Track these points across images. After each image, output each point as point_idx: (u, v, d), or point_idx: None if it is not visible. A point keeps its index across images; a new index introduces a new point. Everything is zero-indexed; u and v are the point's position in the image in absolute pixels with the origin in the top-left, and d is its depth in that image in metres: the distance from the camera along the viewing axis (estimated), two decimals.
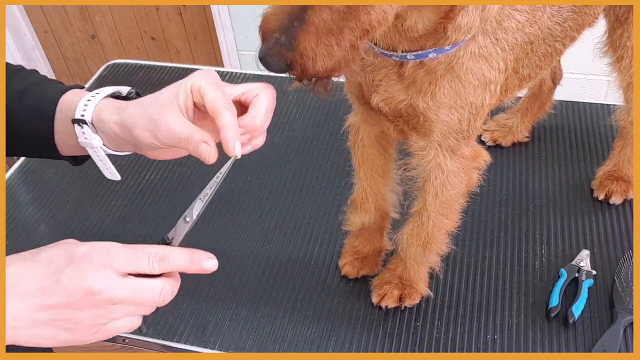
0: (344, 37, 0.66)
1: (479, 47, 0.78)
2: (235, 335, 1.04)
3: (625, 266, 1.07)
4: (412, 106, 0.82)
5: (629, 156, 1.18)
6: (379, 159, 1.02)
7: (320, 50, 0.66)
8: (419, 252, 1.00)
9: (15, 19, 2.73)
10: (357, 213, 1.07)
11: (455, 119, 0.82)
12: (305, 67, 0.66)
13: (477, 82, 0.80)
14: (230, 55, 2.59)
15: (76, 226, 1.26)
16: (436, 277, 1.10)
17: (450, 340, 1.01)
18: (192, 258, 0.62)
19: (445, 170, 0.88)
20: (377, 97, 0.84)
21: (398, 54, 0.77)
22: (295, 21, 0.65)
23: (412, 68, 0.79)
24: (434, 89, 0.79)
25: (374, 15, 0.66)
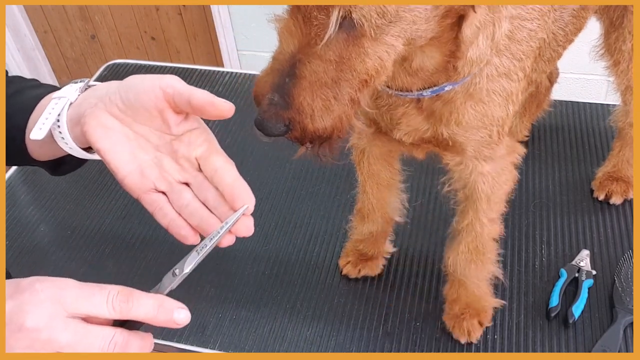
0: (341, 89, 0.63)
1: (496, 68, 0.76)
2: (235, 335, 1.04)
3: (625, 266, 1.07)
4: (436, 133, 0.81)
5: (627, 157, 1.19)
6: (384, 173, 1.02)
7: (318, 104, 0.62)
8: (479, 268, 0.99)
9: (15, 19, 2.73)
10: (364, 223, 1.08)
11: (485, 135, 0.82)
12: (304, 125, 0.63)
13: (500, 98, 0.79)
14: (230, 55, 2.59)
15: (76, 226, 1.26)
16: (436, 277, 1.10)
17: (450, 340, 1.01)
18: (162, 304, 0.54)
19: (489, 174, 0.88)
20: (400, 132, 0.83)
21: (414, 93, 0.76)
22: (287, 78, 0.62)
23: (428, 101, 0.78)
24: (457, 117, 0.79)
25: (370, 64, 0.64)
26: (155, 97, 0.59)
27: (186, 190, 0.60)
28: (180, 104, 0.59)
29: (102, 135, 0.59)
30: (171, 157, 0.61)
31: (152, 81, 0.59)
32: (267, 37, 2.45)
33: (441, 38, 0.69)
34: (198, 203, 0.60)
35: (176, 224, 0.60)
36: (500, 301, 1.03)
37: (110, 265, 1.18)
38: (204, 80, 1.61)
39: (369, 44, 0.63)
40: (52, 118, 0.63)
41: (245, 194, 0.58)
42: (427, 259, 1.12)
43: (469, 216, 0.94)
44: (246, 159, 1.35)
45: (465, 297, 1.00)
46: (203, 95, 0.58)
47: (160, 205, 0.60)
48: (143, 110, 0.59)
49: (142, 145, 0.61)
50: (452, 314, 1.02)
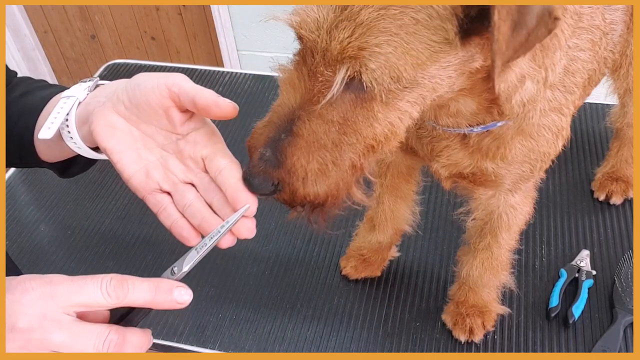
0: (342, 154, 0.58)
1: (548, 102, 0.71)
2: (235, 335, 1.04)
3: (625, 266, 1.07)
4: (479, 169, 0.77)
5: (626, 156, 1.19)
6: (404, 186, 1.01)
7: (312, 167, 0.57)
8: (493, 279, 0.98)
9: (15, 19, 2.73)
10: (374, 232, 1.07)
11: (528, 170, 0.78)
12: (294, 188, 0.57)
13: (550, 134, 0.74)
14: (230, 55, 2.59)
15: (76, 226, 1.26)
16: (437, 277, 1.10)
17: (450, 340, 1.01)
18: (158, 285, 0.52)
19: (516, 205, 0.87)
20: (438, 165, 0.79)
21: (463, 129, 0.71)
22: (283, 133, 0.57)
23: (477, 137, 0.73)
24: (504, 152, 0.74)
25: (379, 129, 0.58)
26: (161, 95, 0.58)
27: (190, 190, 0.60)
28: (185, 102, 0.59)
29: (109, 135, 0.59)
30: (177, 157, 0.61)
31: (159, 79, 0.59)
32: (267, 37, 2.45)
33: (473, 89, 0.64)
34: (201, 203, 0.59)
35: (179, 224, 0.59)
36: (505, 308, 1.03)
37: (110, 265, 1.18)
38: (204, 80, 1.61)
39: (379, 108, 0.58)
40: (60, 117, 0.63)
41: (247, 196, 0.57)
42: (427, 259, 1.12)
43: (487, 239, 0.92)
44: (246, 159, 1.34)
45: (472, 300, 1.00)
46: (208, 95, 0.58)
47: (164, 205, 0.60)
48: (149, 108, 0.59)
49: (148, 144, 0.61)
50: (455, 313, 1.02)
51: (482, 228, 0.92)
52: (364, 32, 0.53)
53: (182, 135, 0.61)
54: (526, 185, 0.84)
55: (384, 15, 0.53)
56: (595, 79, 0.86)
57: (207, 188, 0.60)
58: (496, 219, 0.89)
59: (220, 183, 0.59)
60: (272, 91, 1.56)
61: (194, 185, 0.61)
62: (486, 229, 0.92)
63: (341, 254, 1.15)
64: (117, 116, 0.60)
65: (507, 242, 0.93)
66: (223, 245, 0.58)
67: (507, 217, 0.88)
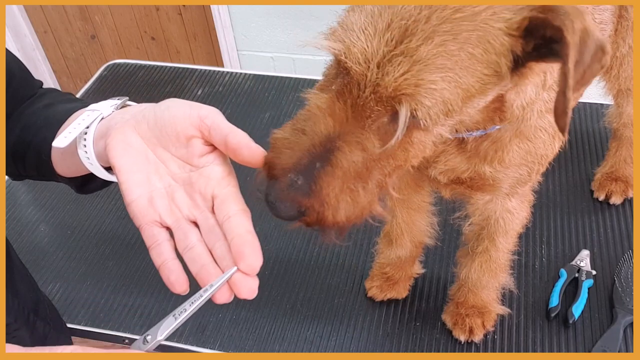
0: (372, 178, 0.57)
1: (545, 103, 0.71)
2: (235, 335, 1.04)
3: (625, 266, 1.07)
4: (476, 173, 0.77)
5: (624, 156, 1.19)
6: (415, 197, 0.99)
7: (345, 197, 0.56)
8: (492, 280, 0.98)
9: (15, 19, 2.73)
10: (391, 247, 1.05)
11: (525, 173, 0.78)
12: (323, 217, 0.56)
13: (546, 135, 0.74)
14: (230, 55, 2.59)
15: (76, 226, 1.26)
16: (436, 277, 1.10)
17: (450, 340, 1.01)
18: None
19: (512, 210, 0.86)
20: (435, 171, 0.78)
21: (462, 134, 0.71)
22: (318, 162, 0.55)
23: (474, 141, 0.73)
24: (501, 155, 0.74)
25: (412, 153, 0.59)
26: (191, 123, 0.56)
27: (193, 231, 0.56)
28: (215, 138, 0.56)
29: (123, 152, 0.57)
30: (185, 190, 0.57)
31: (192, 108, 0.57)
32: (267, 37, 2.45)
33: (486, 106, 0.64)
34: (203, 248, 0.55)
35: (168, 266, 0.55)
36: (505, 309, 1.02)
37: (110, 265, 1.18)
38: (204, 80, 1.61)
39: (418, 135, 0.58)
40: (79, 128, 0.61)
41: (252, 252, 0.53)
42: (427, 259, 1.12)
43: (485, 244, 0.92)
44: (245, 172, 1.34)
45: (472, 301, 1.00)
46: (241, 136, 0.55)
47: (159, 241, 0.56)
48: (173, 132, 0.57)
49: (159, 170, 0.58)
50: (454, 313, 1.02)
51: (479, 233, 0.92)
52: (422, 69, 0.52)
53: (197, 167, 0.58)
54: (523, 189, 0.84)
55: (443, 52, 0.52)
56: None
57: (210, 231, 0.56)
58: (493, 224, 0.89)
59: (226, 230, 0.54)
60: (272, 91, 1.56)
61: (197, 224, 0.57)
62: (483, 234, 0.92)
63: (341, 254, 1.15)
64: (136, 135, 0.58)
65: (504, 246, 0.93)
66: (219, 300, 0.54)
67: (504, 222, 0.88)
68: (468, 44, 0.52)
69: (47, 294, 1.03)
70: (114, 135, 0.58)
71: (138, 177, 0.57)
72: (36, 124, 0.69)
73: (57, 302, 1.10)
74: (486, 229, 0.90)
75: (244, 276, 0.53)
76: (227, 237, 0.54)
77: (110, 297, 1.12)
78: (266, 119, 1.47)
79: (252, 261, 0.52)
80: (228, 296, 0.54)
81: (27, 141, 0.69)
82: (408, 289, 1.08)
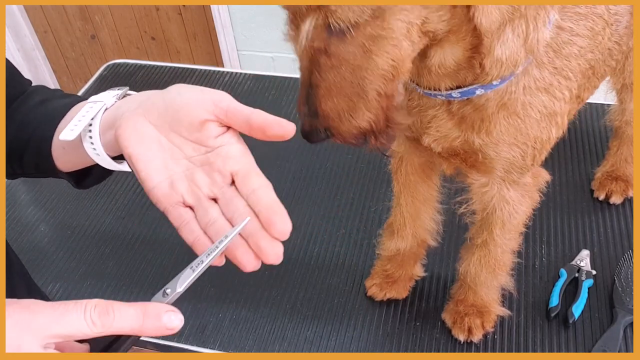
0: (364, 87, 0.63)
1: (535, 80, 0.72)
2: (235, 335, 1.04)
3: (625, 266, 1.07)
4: (467, 143, 0.77)
5: (625, 155, 1.19)
6: (421, 187, 0.98)
7: (342, 106, 0.63)
8: (490, 278, 0.97)
9: (15, 19, 2.73)
10: (392, 238, 1.04)
11: (518, 156, 0.78)
12: (338, 129, 0.64)
13: (539, 115, 0.74)
14: (230, 55, 2.59)
15: (76, 226, 1.26)
16: (437, 276, 1.10)
17: (450, 341, 1.01)
18: (146, 311, 0.48)
19: (510, 201, 0.86)
20: (429, 138, 0.80)
21: (443, 92, 0.73)
22: (309, 89, 0.63)
23: (458, 104, 0.75)
24: (488, 126, 0.75)
25: (379, 60, 0.63)
26: (204, 108, 0.57)
27: (214, 207, 0.57)
28: (234, 119, 0.57)
29: (136, 140, 0.57)
30: (203, 170, 0.58)
31: (204, 93, 0.58)
32: (267, 37, 2.45)
33: (459, 31, 0.66)
34: (224, 221, 0.57)
35: (201, 242, 0.56)
36: (505, 310, 1.02)
37: (111, 265, 1.18)
38: (204, 80, 1.61)
39: (372, 29, 0.61)
40: (85, 120, 0.61)
41: (281, 219, 0.54)
42: (427, 259, 1.12)
43: (484, 235, 0.92)
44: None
45: (472, 300, 1.00)
46: (264, 115, 0.58)
47: (186, 220, 0.57)
48: (186, 118, 0.57)
49: (175, 155, 0.58)
50: (454, 311, 1.01)
51: (480, 223, 0.92)
52: None
53: (212, 147, 0.58)
54: (523, 179, 0.84)
55: None
56: (600, 71, 0.85)
57: (228, 202, 0.57)
58: (490, 213, 0.88)
59: (253, 203, 0.56)
60: (272, 91, 1.56)
61: (217, 200, 0.58)
62: (483, 226, 0.92)
63: (340, 254, 1.15)
64: (147, 123, 0.58)
65: (503, 241, 0.92)
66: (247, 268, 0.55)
67: (502, 212, 0.87)
68: None
69: (47, 294, 1.03)
70: (125, 126, 0.58)
71: (155, 164, 0.57)
72: (33, 121, 0.69)
73: None
74: (484, 217, 0.90)
75: (270, 241, 0.54)
76: (255, 209, 0.55)
77: (110, 297, 1.11)
78: None
79: (282, 227, 0.54)
80: (256, 264, 0.55)
81: (25, 138, 0.69)
82: (408, 289, 1.08)
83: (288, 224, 0.54)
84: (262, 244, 0.54)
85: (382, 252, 1.07)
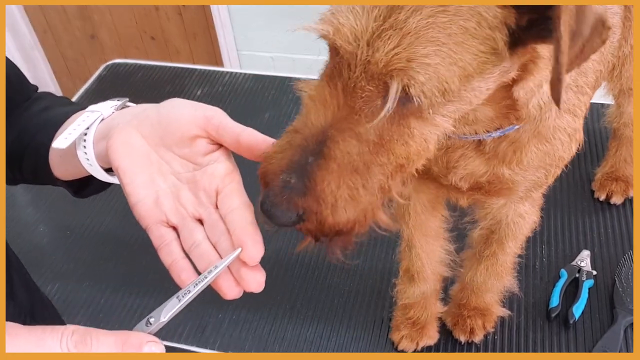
0: (372, 176, 0.53)
1: (563, 102, 0.66)
2: (234, 336, 1.04)
3: (626, 267, 1.07)
4: (495, 175, 0.74)
5: (625, 156, 1.19)
6: (431, 222, 0.94)
7: (343, 193, 0.52)
8: (496, 282, 0.97)
9: (14, 18, 2.73)
10: (415, 284, 0.98)
11: (542, 176, 0.76)
12: (322, 218, 0.52)
13: (565, 136, 0.71)
14: (230, 55, 2.59)
15: (75, 226, 1.26)
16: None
17: (450, 340, 1.01)
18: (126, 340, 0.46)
19: (524, 215, 0.85)
20: (456, 177, 0.74)
21: (482, 135, 0.68)
22: (311, 156, 0.51)
23: (492, 142, 0.70)
24: (519, 156, 0.71)
25: (413, 147, 0.55)
26: (196, 124, 0.56)
27: (198, 228, 0.56)
28: (225, 137, 0.56)
29: (125, 153, 0.56)
30: (190, 188, 0.57)
31: (196, 109, 0.57)
32: (267, 37, 2.45)
33: (495, 98, 0.61)
34: (209, 245, 0.55)
35: (179, 265, 0.54)
36: (506, 311, 1.02)
37: (110, 266, 1.18)
38: (203, 80, 1.61)
39: (417, 124, 0.54)
40: (80, 129, 0.60)
41: (253, 242, 0.51)
42: None
43: (493, 248, 0.91)
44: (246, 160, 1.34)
45: (475, 303, 0.99)
46: (254, 134, 0.56)
47: (167, 241, 0.55)
48: (178, 132, 0.56)
49: (162, 170, 0.57)
50: (455, 313, 1.01)
51: (488, 237, 0.91)
52: (412, 42, 0.49)
53: (200, 165, 0.57)
54: (537, 193, 0.83)
55: (433, 23, 0.49)
56: (599, 82, 0.85)
57: (214, 226, 0.55)
58: (504, 228, 0.87)
59: (228, 222, 0.54)
60: (272, 91, 1.56)
61: (202, 220, 0.56)
62: (493, 238, 0.90)
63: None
64: (139, 136, 0.57)
65: (513, 250, 0.92)
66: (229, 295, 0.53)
67: (515, 227, 0.86)
68: (459, 16, 0.50)
69: (46, 294, 1.03)
70: (116, 137, 0.57)
71: (142, 178, 0.56)
72: (34, 127, 0.68)
73: (56, 303, 1.10)
74: (496, 233, 0.88)
75: (249, 269, 0.52)
76: (229, 230, 0.54)
77: (110, 297, 1.12)
78: (266, 119, 1.47)
79: (252, 252, 0.51)
80: (237, 291, 0.53)
81: (25, 145, 0.68)
82: (438, 329, 1.02)
83: (258, 249, 0.52)
84: (242, 272, 0.52)
85: (406, 300, 1.01)
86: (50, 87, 2.96)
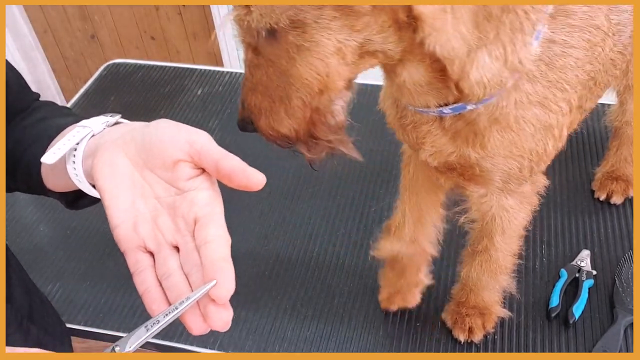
0: (289, 94, 0.66)
1: (527, 94, 0.70)
2: (235, 335, 1.04)
3: (626, 266, 1.07)
4: (463, 157, 0.77)
5: (625, 155, 1.19)
6: (427, 191, 0.96)
7: (264, 105, 0.68)
8: (492, 281, 0.97)
9: (14, 18, 2.73)
10: (388, 238, 1.00)
11: (515, 168, 0.77)
12: (258, 123, 0.69)
13: (533, 128, 0.73)
14: (230, 55, 2.59)
15: (76, 226, 1.26)
16: (437, 277, 1.09)
17: (450, 341, 1.01)
18: None
19: (509, 209, 0.85)
20: (424, 154, 0.79)
21: (434, 109, 0.72)
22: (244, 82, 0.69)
23: (450, 120, 0.74)
24: (482, 140, 0.74)
25: (302, 70, 0.64)
26: (179, 147, 0.55)
27: (174, 257, 0.54)
28: (205, 162, 0.55)
29: (108, 174, 0.55)
30: (169, 214, 0.56)
31: (180, 132, 0.56)
32: None
33: (413, 53, 0.65)
34: (181, 275, 0.53)
35: (151, 295, 0.53)
36: (506, 312, 1.02)
37: (110, 266, 1.18)
38: (203, 80, 1.61)
39: (294, 38, 0.62)
40: (69, 145, 0.60)
41: (223, 280, 0.50)
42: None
43: (484, 242, 0.92)
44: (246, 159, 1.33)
45: (474, 302, 1.00)
46: (234, 161, 0.54)
47: (142, 268, 0.55)
48: (160, 154, 0.55)
49: (145, 193, 0.56)
50: (455, 312, 1.01)
51: (480, 231, 0.92)
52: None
53: (182, 190, 0.56)
54: (521, 188, 0.84)
55: None
56: (603, 81, 0.85)
57: (189, 255, 0.54)
58: (490, 221, 0.88)
59: (202, 255, 0.53)
60: None
61: (179, 248, 0.55)
62: (483, 232, 0.91)
63: (340, 254, 1.15)
64: (124, 156, 0.56)
65: (504, 246, 0.92)
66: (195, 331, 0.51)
67: (501, 220, 0.87)
68: None
69: (46, 295, 1.03)
70: (100, 156, 0.56)
71: (123, 201, 0.56)
72: (28, 138, 0.68)
73: (56, 303, 1.10)
74: (483, 226, 0.90)
75: (216, 307, 0.50)
76: (202, 261, 0.52)
77: (110, 297, 1.12)
78: None
79: (219, 290, 0.50)
80: (204, 328, 0.51)
81: (18, 155, 0.68)
82: (417, 296, 1.04)
83: (227, 287, 0.50)
84: (208, 308, 0.51)
85: (376, 252, 1.04)
86: (50, 87, 2.96)
